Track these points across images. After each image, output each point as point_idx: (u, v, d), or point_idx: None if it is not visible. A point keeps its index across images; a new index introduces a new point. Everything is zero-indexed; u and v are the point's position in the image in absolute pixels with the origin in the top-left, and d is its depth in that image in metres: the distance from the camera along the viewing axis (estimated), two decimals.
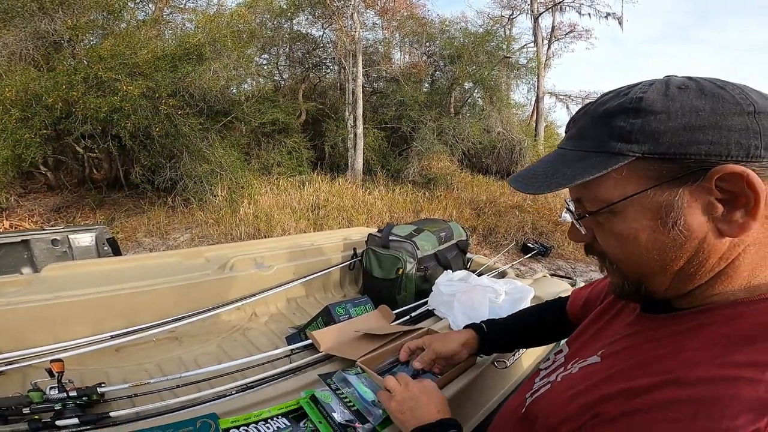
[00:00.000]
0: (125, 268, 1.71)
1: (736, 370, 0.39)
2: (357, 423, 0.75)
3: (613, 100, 0.46)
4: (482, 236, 7.61)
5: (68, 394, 1.00)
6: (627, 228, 0.46)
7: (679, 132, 0.41)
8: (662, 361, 0.45)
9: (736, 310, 0.44)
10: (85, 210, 7.32)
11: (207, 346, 1.50)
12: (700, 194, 0.42)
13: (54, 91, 5.78)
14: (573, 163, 0.47)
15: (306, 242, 2.22)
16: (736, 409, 0.37)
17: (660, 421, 0.40)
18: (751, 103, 0.41)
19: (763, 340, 0.40)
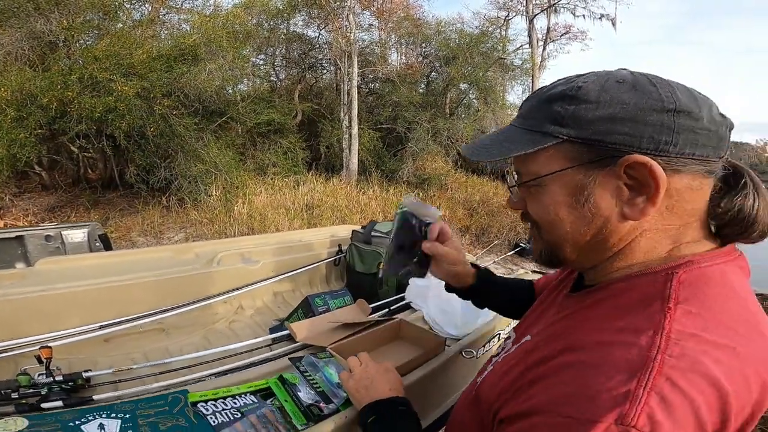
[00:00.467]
0: (116, 262, 1.77)
1: (617, 335, 0.44)
2: (321, 403, 0.82)
3: (559, 87, 0.51)
4: (475, 236, 7.68)
5: (54, 379, 1.06)
6: (549, 200, 0.51)
7: (603, 121, 0.46)
8: (568, 332, 0.51)
9: (629, 283, 0.49)
10: (80, 209, 7.34)
11: (193, 336, 1.57)
12: (611, 179, 0.47)
13: (49, 91, 5.82)
14: (514, 138, 0.53)
15: (293, 239, 2.28)
16: (614, 368, 0.41)
17: (555, 384, 0.45)
18: (674, 101, 0.45)
19: (644, 308, 0.45)
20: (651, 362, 0.40)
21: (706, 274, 0.47)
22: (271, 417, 0.76)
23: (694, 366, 0.40)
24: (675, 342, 0.41)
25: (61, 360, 1.25)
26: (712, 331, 0.42)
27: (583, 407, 0.41)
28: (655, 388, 0.39)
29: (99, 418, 0.67)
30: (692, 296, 0.44)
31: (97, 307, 1.47)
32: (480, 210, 8.46)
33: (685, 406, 0.39)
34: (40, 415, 0.71)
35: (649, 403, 0.38)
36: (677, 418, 0.39)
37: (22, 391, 1.05)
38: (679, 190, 0.47)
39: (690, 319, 0.43)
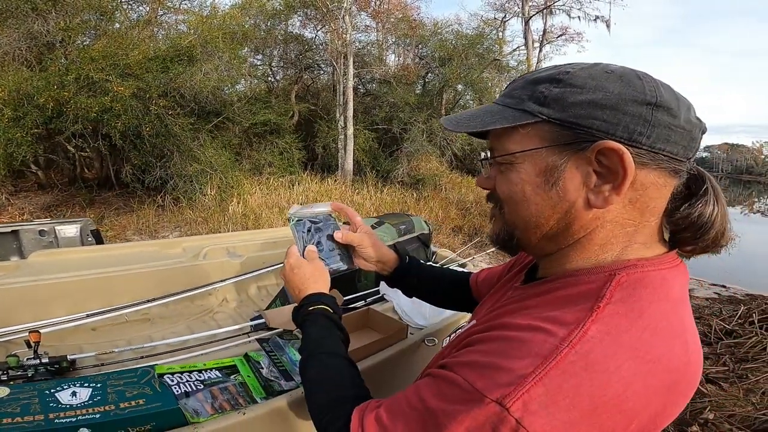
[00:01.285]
0: (105, 255, 1.85)
1: (544, 322, 0.45)
2: (282, 380, 0.89)
3: (548, 71, 0.51)
4: (467, 236, 7.76)
5: (41, 361, 1.14)
6: (518, 179, 0.51)
7: (584, 105, 0.46)
8: (506, 315, 0.53)
9: (576, 278, 0.50)
10: (76, 208, 7.41)
11: (176, 326, 1.64)
12: (582, 163, 0.48)
13: (46, 90, 5.89)
14: (492, 114, 0.53)
15: (279, 235, 2.36)
16: (526, 352, 0.43)
17: (473, 351, 0.49)
18: (656, 96, 0.46)
19: (577, 303, 0.46)
20: (557, 354, 0.42)
21: (647, 278, 0.48)
22: (232, 390, 0.84)
23: (592, 366, 0.41)
24: (588, 340, 0.42)
25: (49, 346, 1.32)
26: (631, 334, 0.44)
27: (483, 379, 0.44)
28: (545, 379, 0.41)
29: (72, 387, 0.75)
30: (626, 298, 0.46)
31: (85, 297, 1.54)
32: (473, 210, 8.55)
33: (565, 404, 0.40)
34: (19, 385, 0.78)
35: (530, 392, 0.40)
36: (552, 413, 0.40)
37: (11, 372, 1.13)
38: (644, 184, 0.47)
39: (614, 319, 0.44)
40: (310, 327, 0.72)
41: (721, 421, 2.50)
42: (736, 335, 3.69)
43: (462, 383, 0.45)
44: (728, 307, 4.51)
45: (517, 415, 0.40)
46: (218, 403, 0.81)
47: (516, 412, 0.40)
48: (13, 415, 0.69)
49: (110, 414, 0.70)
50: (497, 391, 0.42)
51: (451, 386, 0.46)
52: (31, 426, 0.67)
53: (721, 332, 3.79)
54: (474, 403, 0.43)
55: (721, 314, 4.18)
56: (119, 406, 0.72)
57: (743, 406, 2.62)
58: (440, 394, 0.48)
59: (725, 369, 3.19)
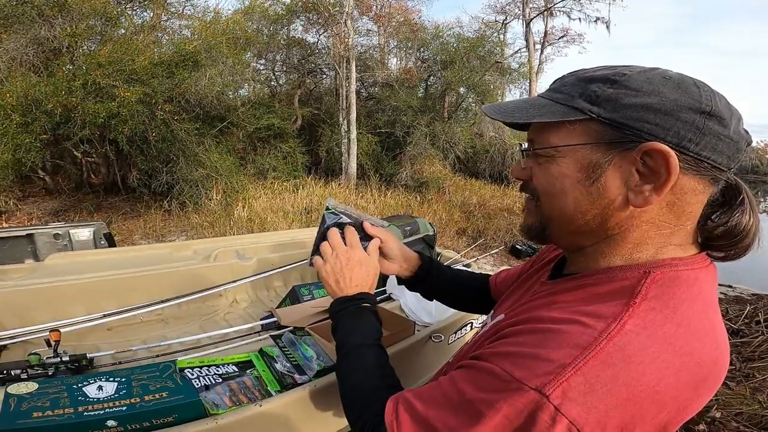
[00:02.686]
0: (119, 257, 1.89)
1: (581, 316, 0.47)
2: (296, 374, 0.92)
3: (603, 71, 0.51)
4: (472, 238, 7.78)
5: (61, 359, 1.18)
6: (559, 172, 0.52)
7: (637, 108, 0.47)
8: (537, 308, 0.54)
9: (610, 274, 0.51)
10: (83, 213, 7.48)
11: (190, 326, 1.68)
12: (626, 162, 0.48)
13: (53, 96, 5.96)
14: (539, 107, 0.53)
15: (287, 237, 2.40)
16: (564, 342, 0.44)
17: (510, 343, 0.50)
18: (710, 105, 0.46)
19: (614, 298, 0.48)
20: (596, 346, 0.43)
21: (681, 277, 0.49)
22: (249, 384, 0.87)
23: (630, 358, 0.43)
24: (626, 333, 0.44)
25: (67, 346, 1.36)
26: (666, 329, 0.45)
27: (521, 369, 0.45)
28: (584, 369, 0.42)
29: (99, 381, 0.78)
30: (660, 295, 0.47)
31: (101, 297, 1.58)
32: (477, 213, 8.56)
33: (602, 392, 0.42)
34: (47, 380, 0.81)
35: (570, 381, 0.42)
36: (589, 401, 0.42)
37: (31, 371, 1.17)
38: (683, 189, 0.48)
39: (650, 314, 0.46)
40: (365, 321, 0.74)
41: (729, 420, 2.51)
42: (743, 335, 3.69)
43: (500, 373, 0.47)
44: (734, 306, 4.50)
45: (556, 402, 0.42)
46: (236, 395, 0.84)
47: (555, 400, 0.42)
48: (44, 408, 0.72)
49: (136, 406, 0.73)
50: (536, 380, 0.43)
51: (489, 376, 0.48)
52: (62, 419, 0.70)
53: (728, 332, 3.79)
54: (513, 391, 0.44)
55: (727, 314, 4.17)
56: (144, 399, 0.75)
57: (750, 405, 2.62)
58: (476, 384, 0.49)
59: (732, 368, 3.19)
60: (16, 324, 1.41)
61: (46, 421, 0.69)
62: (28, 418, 0.68)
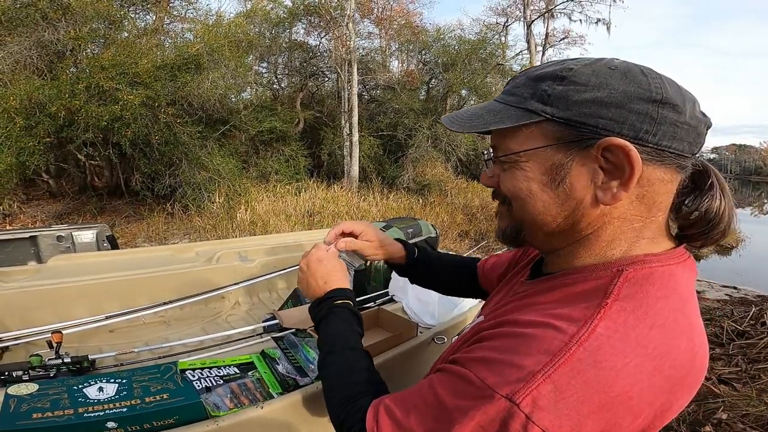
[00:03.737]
0: (122, 259, 1.89)
1: (553, 319, 0.46)
2: (297, 376, 0.92)
3: (550, 67, 0.51)
4: (474, 241, 7.76)
5: (63, 361, 1.17)
6: (524, 178, 0.51)
7: (588, 104, 0.46)
8: (515, 310, 0.53)
9: (582, 274, 0.50)
10: (87, 216, 7.51)
11: (192, 328, 1.67)
12: (588, 161, 0.47)
13: (57, 99, 6.00)
14: (495, 113, 0.52)
15: (289, 240, 2.39)
16: (535, 348, 0.44)
17: (485, 347, 0.49)
18: (661, 93, 0.45)
19: (585, 300, 0.47)
20: (566, 352, 0.42)
21: (655, 273, 0.48)
22: (250, 386, 0.86)
23: (600, 363, 0.42)
24: (597, 337, 0.43)
25: (69, 347, 1.36)
26: (638, 331, 0.44)
27: (493, 375, 0.44)
28: (554, 376, 0.41)
29: (99, 383, 0.78)
30: (633, 294, 0.46)
31: (103, 299, 1.58)
32: (479, 215, 8.55)
33: (573, 399, 0.41)
34: (48, 381, 0.81)
35: (539, 389, 0.41)
36: (560, 409, 0.41)
37: (32, 373, 1.16)
38: (650, 180, 0.47)
39: (622, 316, 0.44)
40: (333, 319, 0.72)
41: (735, 421, 2.48)
42: (748, 336, 3.66)
43: (474, 379, 0.46)
44: (740, 308, 4.47)
45: (526, 410, 0.41)
46: (237, 397, 0.83)
47: (525, 408, 0.41)
48: (44, 410, 0.71)
49: (136, 408, 0.73)
50: (507, 388, 0.42)
51: (463, 382, 0.47)
52: (62, 420, 0.70)
53: (733, 333, 3.76)
54: (485, 399, 0.44)
55: (732, 315, 4.14)
56: (144, 400, 0.75)
57: (756, 406, 2.60)
58: (452, 390, 0.48)
59: (738, 370, 3.16)
60: (19, 325, 1.41)
61: (46, 422, 0.68)
62: (28, 419, 0.67)
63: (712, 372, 3.14)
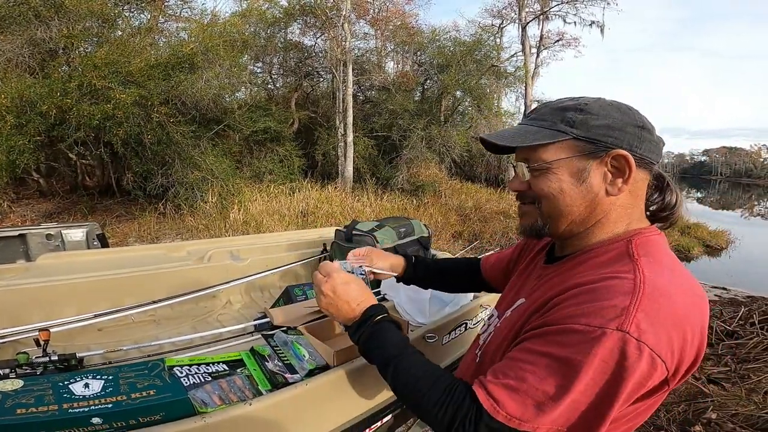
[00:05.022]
0: (112, 258, 1.87)
1: (611, 274, 0.61)
2: (287, 374, 0.91)
3: (568, 102, 0.71)
4: (468, 241, 7.78)
5: (50, 359, 1.16)
6: (556, 179, 0.68)
7: (601, 128, 0.66)
8: (564, 282, 0.66)
9: (603, 247, 0.68)
10: (77, 216, 7.44)
11: (182, 327, 1.66)
12: (601, 166, 0.67)
13: (48, 98, 5.93)
14: (532, 133, 0.70)
15: (281, 239, 2.38)
16: (616, 292, 0.58)
17: (570, 305, 0.60)
18: (642, 122, 0.68)
19: (620, 260, 0.64)
20: (639, 290, 0.57)
21: (650, 240, 0.67)
22: (239, 383, 0.86)
23: (663, 294, 0.57)
24: (649, 278, 0.58)
25: (57, 346, 1.34)
26: (666, 274, 0.61)
27: (595, 318, 0.56)
28: (641, 306, 0.55)
29: (85, 379, 0.77)
30: (646, 253, 0.64)
31: (92, 298, 1.57)
32: (473, 216, 8.57)
33: (659, 320, 0.56)
34: (33, 377, 0.80)
35: (636, 317, 0.55)
36: (655, 328, 0.55)
37: (19, 371, 1.15)
38: (636, 179, 0.67)
39: (651, 265, 0.61)
40: (386, 333, 0.78)
41: (725, 421, 2.50)
42: (738, 336, 3.69)
43: (579, 328, 0.57)
44: (729, 308, 4.51)
45: (635, 335, 0.54)
46: (225, 394, 0.83)
47: (634, 333, 0.54)
48: (28, 405, 0.71)
49: (122, 404, 0.72)
50: (613, 323, 0.55)
51: (570, 334, 0.58)
52: (46, 416, 0.69)
53: (722, 333, 3.80)
54: (599, 337, 0.55)
55: (722, 316, 4.18)
56: (131, 396, 0.74)
57: (746, 406, 2.62)
58: (560, 344, 0.58)
59: (727, 369, 3.19)
60: (7, 324, 1.39)
61: (30, 417, 0.67)
62: (12, 415, 0.67)
63: (702, 372, 3.17)
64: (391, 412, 1.11)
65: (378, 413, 1.06)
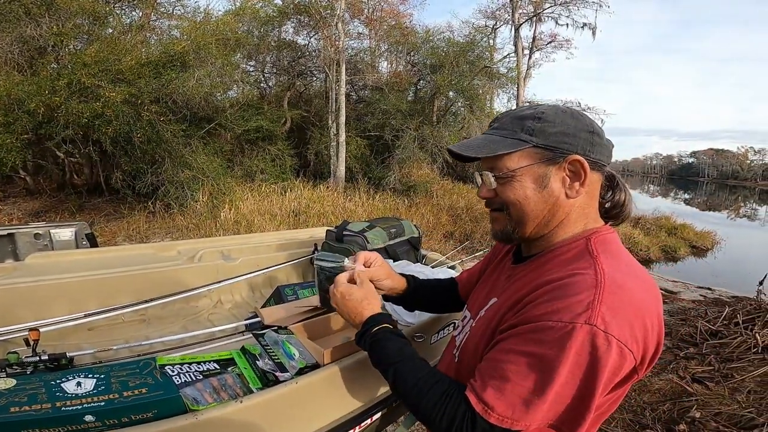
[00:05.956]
0: (101, 258, 1.87)
1: (573, 270, 0.66)
2: (278, 372, 0.93)
3: (527, 110, 0.75)
4: (459, 242, 7.83)
5: (40, 358, 1.16)
6: (521, 186, 0.73)
7: (557, 135, 0.71)
8: (533, 280, 0.71)
9: (565, 246, 0.73)
10: (65, 214, 7.35)
11: (173, 327, 1.66)
12: (559, 171, 0.72)
13: (37, 96, 5.86)
14: (497, 142, 0.73)
15: (273, 239, 2.39)
16: (581, 287, 0.62)
17: (541, 303, 0.64)
18: (593, 127, 0.73)
19: (581, 258, 0.69)
20: (601, 284, 0.62)
21: (606, 238, 0.73)
22: (230, 381, 0.87)
23: (621, 287, 0.63)
24: (608, 273, 0.64)
25: (47, 345, 1.34)
26: (623, 268, 0.67)
27: (565, 314, 0.61)
28: (603, 299, 0.60)
29: (77, 378, 0.78)
30: (604, 249, 0.70)
31: (82, 297, 1.56)
32: (464, 216, 8.62)
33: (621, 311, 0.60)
34: (26, 376, 0.81)
35: (600, 310, 0.59)
36: (618, 319, 0.60)
37: (9, 370, 1.15)
38: (591, 181, 0.73)
39: (609, 260, 0.67)
40: (386, 343, 0.81)
41: (708, 420, 2.55)
42: (721, 336, 3.77)
43: (552, 324, 0.61)
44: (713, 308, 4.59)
45: (602, 327, 0.59)
46: (217, 392, 0.84)
47: (601, 326, 0.59)
48: (21, 404, 0.72)
49: (114, 402, 0.73)
50: (581, 317, 0.60)
51: (545, 331, 0.62)
52: (39, 414, 0.70)
53: (706, 333, 3.87)
54: (571, 331, 0.59)
55: (706, 316, 4.26)
56: (123, 394, 0.75)
57: (729, 405, 2.68)
58: (536, 341, 0.62)
59: (711, 369, 3.26)
60: None
61: (23, 415, 0.68)
62: (5, 413, 0.67)
63: (687, 371, 3.23)
64: (380, 410, 1.13)
65: (367, 411, 1.08)
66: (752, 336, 3.50)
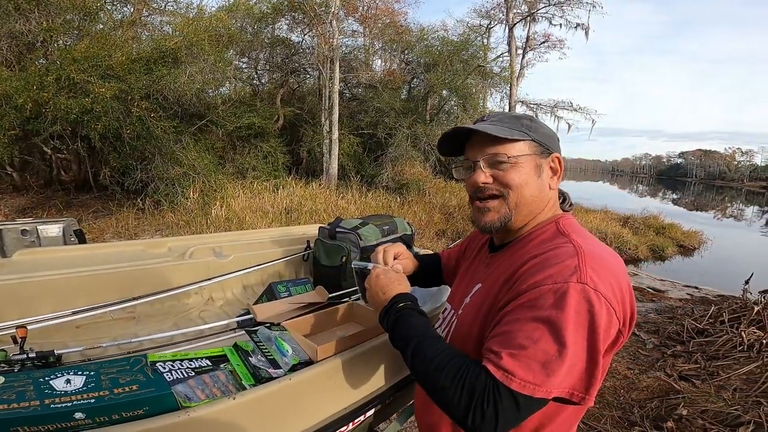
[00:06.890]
0: (90, 254, 1.84)
1: (552, 246, 0.76)
2: (271, 368, 0.92)
3: (519, 114, 0.88)
4: (451, 240, 7.85)
5: (28, 356, 1.14)
6: (524, 172, 0.82)
7: (545, 135, 0.85)
8: (519, 259, 0.79)
9: (540, 229, 0.84)
10: (52, 211, 7.24)
11: (163, 324, 1.65)
12: (547, 164, 0.85)
13: (24, 91, 5.77)
14: (504, 131, 0.82)
15: (265, 236, 2.38)
16: (565, 255, 0.72)
17: (532, 274, 0.72)
18: (554, 133, 0.88)
19: (555, 237, 0.80)
20: (580, 252, 0.71)
21: (570, 221, 0.85)
22: (222, 378, 0.87)
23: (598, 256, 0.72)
24: (582, 245, 0.73)
25: (34, 343, 1.32)
26: (593, 243, 0.77)
27: (558, 276, 0.68)
28: (587, 263, 0.69)
29: (66, 375, 0.77)
30: (572, 230, 0.80)
31: (70, 295, 1.54)
32: (456, 214, 8.64)
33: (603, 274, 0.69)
34: (14, 374, 0.80)
35: (587, 271, 0.68)
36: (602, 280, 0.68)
37: None
38: (559, 176, 0.87)
39: (579, 237, 0.77)
40: (410, 319, 0.84)
41: (695, 417, 2.59)
42: (708, 334, 3.82)
43: (549, 288, 0.68)
44: (700, 307, 4.67)
45: (592, 285, 0.67)
46: (209, 389, 0.83)
47: (591, 283, 0.67)
48: (9, 401, 0.70)
49: (105, 399, 0.72)
50: (573, 277, 0.67)
51: (544, 296, 0.68)
52: (27, 411, 0.69)
53: (693, 331, 3.93)
54: (566, 290, 0.66)
55: (693, 314, 4.32)
56: (113, 391, 0.74)
57: (715, 402, 2.72)
58: (540, 306, 0.67)
59: (697, 366, 3.31)
60: None
61: (11, 413, 0.67)
62: None
63: (674, 369, 3.28)
64: (374, 407, 1.13)
65: (361, 408, 1.08)
66: (738, 334, 3.57)
